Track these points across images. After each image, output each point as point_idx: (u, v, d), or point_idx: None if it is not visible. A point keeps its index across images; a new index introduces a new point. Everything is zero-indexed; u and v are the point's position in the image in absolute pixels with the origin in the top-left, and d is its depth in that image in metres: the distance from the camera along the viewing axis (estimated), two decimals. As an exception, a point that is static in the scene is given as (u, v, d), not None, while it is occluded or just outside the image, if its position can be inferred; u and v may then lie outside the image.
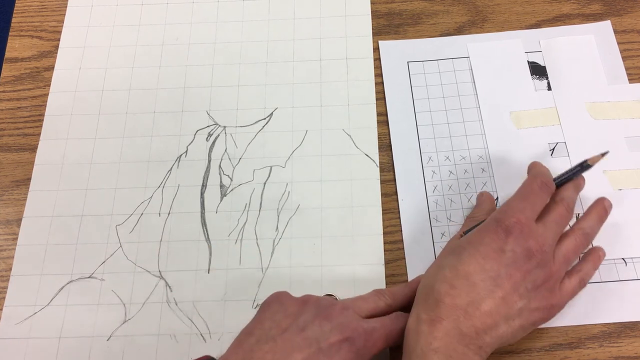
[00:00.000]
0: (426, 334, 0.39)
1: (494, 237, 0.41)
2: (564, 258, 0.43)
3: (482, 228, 0.43)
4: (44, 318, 0.49)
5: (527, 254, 0.41)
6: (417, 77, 0.57)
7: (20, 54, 0.60)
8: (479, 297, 0.40)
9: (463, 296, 0.40)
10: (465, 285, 0.40)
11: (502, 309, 0.40)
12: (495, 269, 0.40)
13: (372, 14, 0.60)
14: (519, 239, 0.41)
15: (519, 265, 0.41)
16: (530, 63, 0.57)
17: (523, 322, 0.41)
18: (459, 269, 0.41)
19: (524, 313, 0.41)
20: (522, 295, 0.40)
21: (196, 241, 0.51)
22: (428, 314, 0.40)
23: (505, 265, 0.41)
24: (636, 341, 0.46)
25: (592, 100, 0.54)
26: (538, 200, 0.44)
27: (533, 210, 0.43)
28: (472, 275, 0.40)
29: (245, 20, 0.61)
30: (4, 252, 0.51)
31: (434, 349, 0.38)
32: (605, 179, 0.51)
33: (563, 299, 0.43)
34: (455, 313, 0.39)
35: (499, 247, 0.41)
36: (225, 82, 0.58)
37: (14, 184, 0.54)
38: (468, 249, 0.42)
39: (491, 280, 0.40)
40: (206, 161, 0.54)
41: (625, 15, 0.59)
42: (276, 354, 0.38)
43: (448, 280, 0.41)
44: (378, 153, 0.54)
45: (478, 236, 0.42)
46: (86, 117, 0.57)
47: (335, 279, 0.49)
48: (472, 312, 0.39)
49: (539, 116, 0.54)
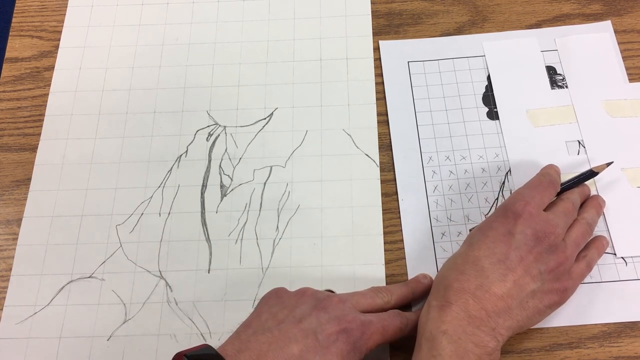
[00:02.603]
0: (435, 319, 0.39)
1: (502, 221, 0.42)
2: (575, 243, 0.44)
3: (493, 214, 0.44)
4: (44, 318, 0.49)
5: (538, 235, 0.41)
6: (418, 76, 0.57)
7: (21, 54, 0.60)
8: (488, 281, 0.40)
9: (472, 280, 0.40)
10: (473, 269, 0.41)
11: (514, 292, 0.40)
12: (505, 251, 0.41)
13: (372, 14, 0.60)
14: (529, 221, 0.42)
15: (530, 248, 0.41)
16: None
17: (537, 303, 0.41)
18: (468, 254, 0.42)
19: (537, 295, 0.41)
20: (534, 277, 0.41)
21: (196, 241, 0.51)
22: (438, 300, 0.40)
23: (515, 247, 0.41)
24: (636, 341, 0.46)
25: (609, 98, 0.55)
26: (546, 193, 0.45)
27: (541, 200, 0.44)
28: (480, 259, 0.41)
29: (245, 20, 0.61)
30: (4, 252, 0.51)
31: (443, 330, 0.38)
32: (623, 176, 0.51)
33: (575, 282, 0.44)
34: (463, 297, 0.39)
35: (507, 231, 0.42)
36: (225, 82, 0.58)
37: (14, 184, 0.54)
38: (477, 235, 0.43)
39: (501, 264, 0.40)
40: (206, 161, 0.54)
41: (625, 15, 0.59)
42: (272, 344, 0.38)
43: (458, 268, 0.41)
44: (378, 153, 0.54)
45: (487, 223, 0.43)
46: (86, 117, 0.57)
47: (335, 279, 0.49)
48: (482, 295, 0.39)
49: (556, 114, 0.54)
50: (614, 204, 0.50)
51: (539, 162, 0.52)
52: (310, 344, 0.38)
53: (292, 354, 0.37)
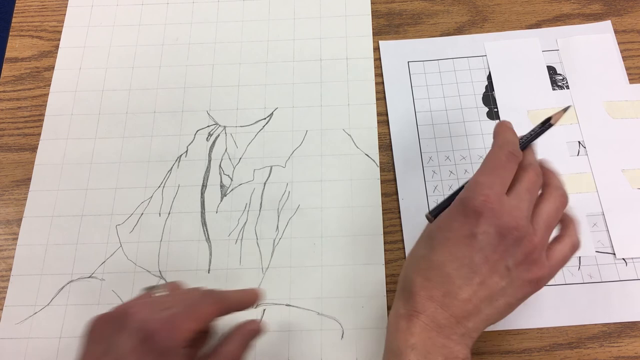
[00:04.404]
0: (404, 330, 0.38)
1: (463, 220, 0.39)
2: (545, 224, 0.40)
3: (451, 211, 0.40)
4: (44, 318, 0.49)
5: (501, 232, 0.38)
6: (418, 76, 0.57)
7: (21, 54, 0.60)
8: (455, 287, 0.38)
9: (438, 287, 0.38)
10: (439, 276, 0.38)
11: (483, 293, 0.38)
12: (468, 255, 0.38)
13: (372, 14, 0.60)
14: (491, 218, 0.38)
15: (494, 247, 0.38)
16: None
17: (509, 299, 0.39)
18: (432, 259, 0.39)
19: (507, 291, 0.38)
20: (502, 275, 0.38)
21: (196, 241, 0.51)
22: (406, 308, 0.39)
23: (479, 249, 0.38)
24: (636, 341, 0.46)
25: (610, 99, 0.55)
26: (506, 172, 0.40)
27: (502, 183, 0.39)
28: (445, 265, 0.38)
29: (245, 20, 0.61)
30: (4, 252, 0.51)
31: (411, 345, 0.37)
32: (623, 178, 0.51)
33: (553, 267, 0.40)
34: (432, 306, 0.38)
35: (469, 232, 0.38)
36: (225, 82, 0.58)
37: (14, 184, 0.54)
38: (438, 237, 0.40)
39: (466, 268, 0.38)
40: (206, 161, 0.54)
41: (625, 15, 0.59)
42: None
43: (422, 272, 0.39)
44: (378, 153, 0.54)
45: (447, 221, 0.40)
46: (86, 117, 0.57)
47: (335, 279, 0.49)
48: (449, 303, 0.38)
49: None
50: (614, 205, 0.50)
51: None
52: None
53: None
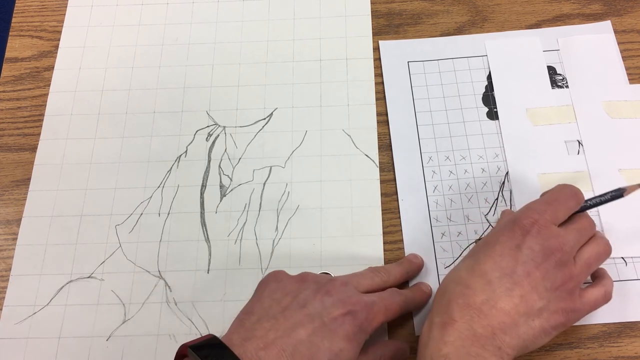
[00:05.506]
0: (437, 339, 0.37)
1: (510, 235, 0.40)
2: (586, 263, 0.41)
3: (499, 228, 0.42)
4: (43, 318, 0.48)
5: (545, 252, 0.39)
6: (418, 77, 0.57)
7: (20, 54, 0.60)
8: (495, 295, 0.38)
9: (478, 294, 0.38)
10: (480, 283, 0.39)
11: (521, 308, 0.38)
12: (512, 266, 0.39)
13: (372, 14, 0.60)
14: (537, 237, 0.40)
15: (537, 264, 0.39)
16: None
17: (543, 323, 0.39)
18: (475, 268, 0.40)
19: (543, 314, 0.39)
20: (541, 294, 0.39)
21: (196, 241, 0.51)
22: (441, 316, 0.39)
23: (522, 262, 0.39)
24: (636, 341, 0.46)
25: (609, 99, 0.54)
26: (562, 207, 0.42)
27: (554, 215, 0.41)
28: (487, 273, 0.39)
29: (245, 20, 0.61)
30: (4, 252, 0.51)
31: (444, 354, 0.36)
32: (621, 177, 0.51)
33: (584, 306, 0.41)
34: (469, 313, 0.38)
35: (515, 245, 0.40)
36: (225, 82, 0.58)
37: (14, 184, 0.54)
38: (483, 250, 0.41)
39: (508, 278, 0.39)
40: (206, 161, 0.54)
41: (625, 15, 0.59)
42: (278, 331, 0.37)
43: (463, 282, 0.40)
44: (378, 153, 0.54)
45: (494, 236, 0.41)
46: (86, 117, 0.57)
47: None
48: (488, 311, 0.38)
49: (555, 114, 0.54)
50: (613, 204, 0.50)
51: (538, 161, 0.52)
52: (318, 328, 0.38)
53: (300, 339, 0.37)
